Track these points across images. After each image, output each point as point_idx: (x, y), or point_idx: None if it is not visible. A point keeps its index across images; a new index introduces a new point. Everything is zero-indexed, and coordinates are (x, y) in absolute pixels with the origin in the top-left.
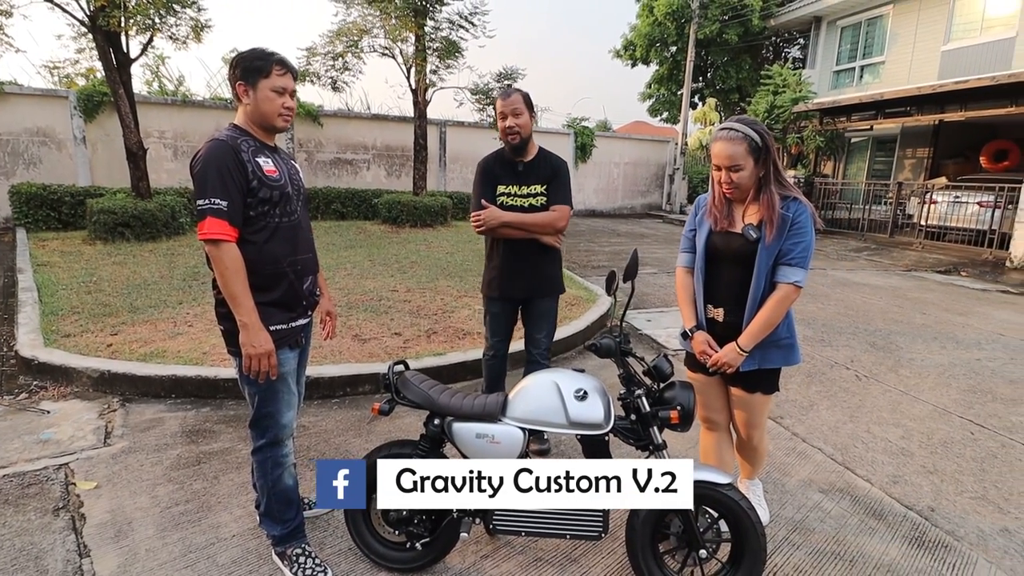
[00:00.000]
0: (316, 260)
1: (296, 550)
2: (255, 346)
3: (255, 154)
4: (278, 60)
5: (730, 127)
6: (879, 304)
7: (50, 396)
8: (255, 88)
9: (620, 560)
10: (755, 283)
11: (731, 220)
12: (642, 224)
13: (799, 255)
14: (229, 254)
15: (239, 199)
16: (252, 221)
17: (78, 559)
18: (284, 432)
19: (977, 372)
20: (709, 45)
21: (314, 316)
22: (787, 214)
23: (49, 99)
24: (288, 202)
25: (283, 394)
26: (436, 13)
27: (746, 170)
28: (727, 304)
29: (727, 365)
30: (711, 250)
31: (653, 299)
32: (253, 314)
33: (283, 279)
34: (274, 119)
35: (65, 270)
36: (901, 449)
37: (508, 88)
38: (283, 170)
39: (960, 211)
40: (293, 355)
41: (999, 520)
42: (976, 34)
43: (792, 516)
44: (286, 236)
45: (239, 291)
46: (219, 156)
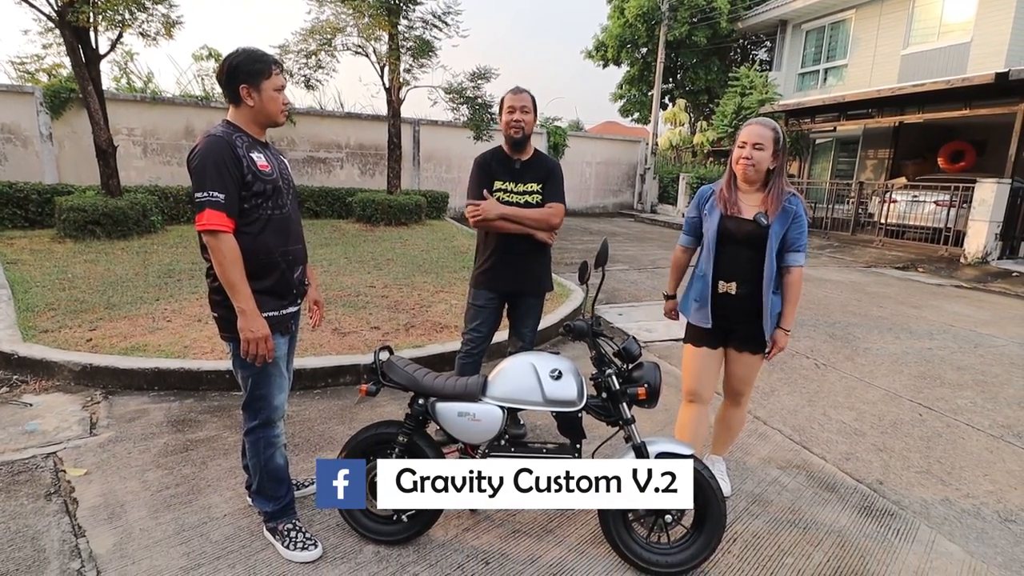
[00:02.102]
0: (305, 251)
1: (287, 525)
2: (253, 331)
3: (249, 149)
4: (275, 61)
5: (764, 120)
6: (839, 298)
7: (32, 390)
8: (259, 90)
9: (592, 529)
10: (768, 262)
11: (739, 207)
12: (614, 223)
13: (803, 243)
14: (227, 244)
15: (235, 192)
16: (246, 213)
17: (74, 539)
18: (276, 413)
19: (927, 360)
20: (679, 47)
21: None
22: (790, 207)
23: (14, 95)
24: (279, 195)
25: (275, 377)
26: (410, 12)
27: (767, 152)
28: (738, 279)
29: (783, 350)
30: (723, 233)
31: (624, 294)
32: (251, 301)
33: (275, 268)
34: (277, 116)
35: (36, 268)
36: (854, 430)
37: (516, 86)
38: (274, 165)
39: (918, 210)
40: (284, 341)
41: (941, 492)
42: (934, 39)
43: (752, 490)
44: (278, 227)
45: (237, 279)
46: (216, 151)
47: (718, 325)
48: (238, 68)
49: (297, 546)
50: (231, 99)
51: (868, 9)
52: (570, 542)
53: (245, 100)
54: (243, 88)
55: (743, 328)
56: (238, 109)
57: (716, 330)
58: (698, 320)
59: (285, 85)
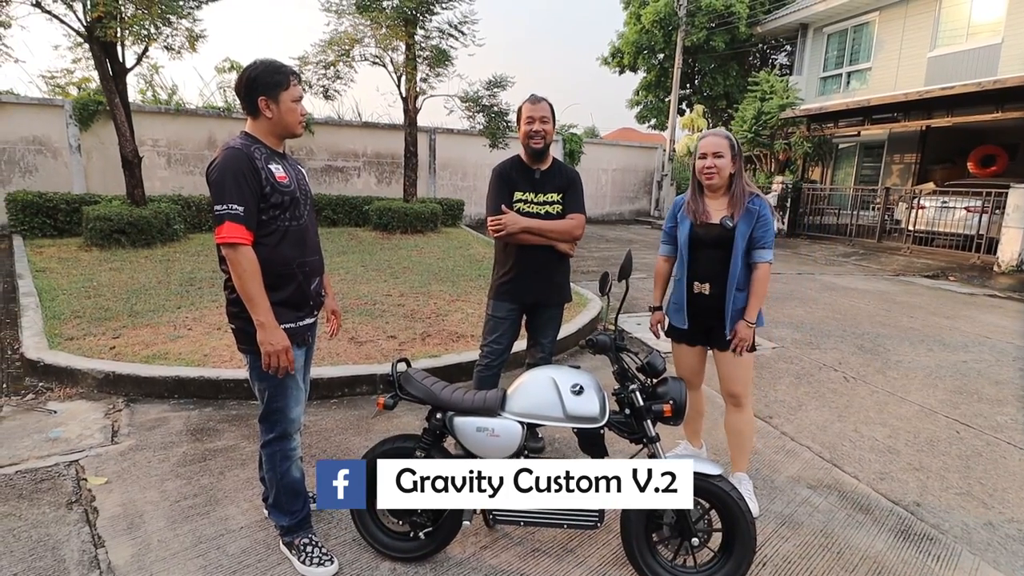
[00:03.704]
0: (322, 261)
1: (303, 540)
2: (272, 343)
3: (267, 161)
4: (292, 72)
5: (718, 131)
6: (867, 308)
7: (56, 397)
8: (277, 101)
9: (615, 550)
10: (733, 261)
11: (707, 214)
12: (630, 230)
13: (768, 240)
14: (246, 256)
15: (254, 204)
16: (264, 225)
17: (93, 549)
18: (292, 427)
19: (963, 374)
20: (696, 52)
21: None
22: (753, 207)
23: (45, 108)
24: (297, 206)
25: (292, 390)
26: (426, 22)
27: (726, 159)
28: (711, 279)
29: (745, 340)
30: (694, 239)
31: (643, 303)
32: (270, 314)
33: (292, 280)
34: (295, 127)
35: (64, 276)
36: (888, 447)
37: (534, 95)
38: (292, 176)
39: (948, 216)
40: (301, 353)
41: (983, 515)
42: (962, 40)
43: (781, 511)
44: (295, 239)
45: (256, 292)
46: (235, 163)
47: (695, 326)
48: (256, 80)
49: (313, 561)
50: (249, 111)
51: (893, 11)
52: (591, 563)
53: (263, 112)
54: (261, 100)
55: (719, 328)
56: (256, 121)
57: (694, 330)
58: (677, 322)
59: (303, 96)
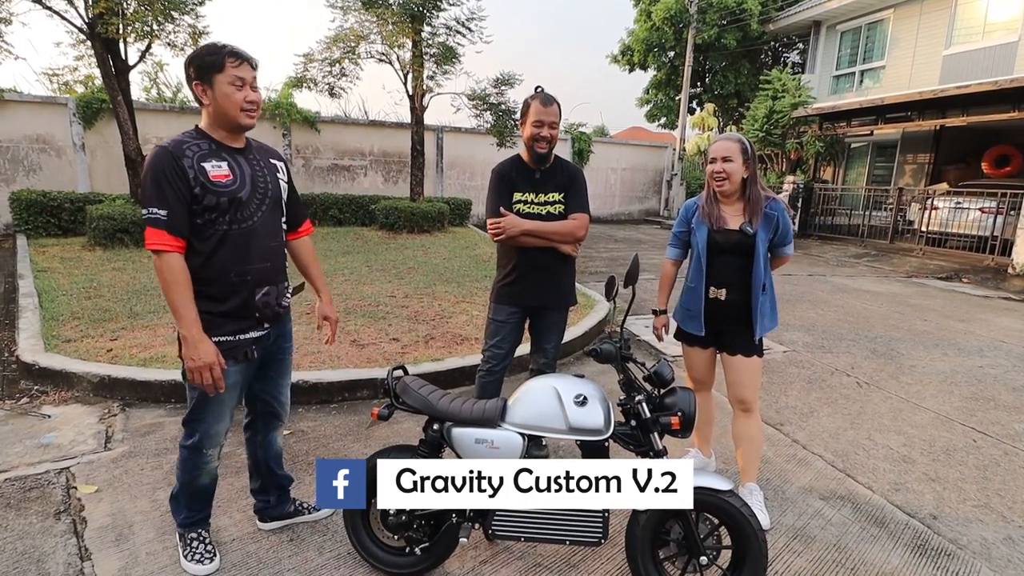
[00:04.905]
0: (279, 268)
1: (192, 535)
2: (195, 358)
3: (203, 159)
4: (230, 51)
5: (729, 135)
6: (880, 311)
7: (51, 401)
8: (212, 86)
9: (620, 566)
10: (756, 268)
11: (723, 219)
12: (639, 230)
13: (789, 238)
14: (167, 265)
15: (180, 207)
16: (199, 229)
17: (79, 562)
18: (210, 442)
19: (979, 379)
20: (707, 50)
21: (318, 320)
22: (772, 212)
23: (49, 106)
24: (240, 208)
25: (217, 407)
26: (433, 19)
27: (736, 163)
28: (727, 285)
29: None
30: (713, 246)
31: (651, 305)
32: (194, 326)
33: (232, 290)
34: (237, 115)
35: (65, 276)
36: (903, 456)
37: (545, 93)
38: (241, 173)
39: (961, 217)
40: (238, 369)
41: (1003, 529)
42: (978, 38)
43: (793, 523)
44: (236, 245)
45: (179, 302)
46: (156, 164)
47: (708, 330)
48: (190, 64)
49: (195, 557)
50: (195, 100)
51: (907, 8)
52: None
53: (201, 99)
54: (196, 85)
55: (732, 332)
56: (203, 111)
57: (706, 334)
58: (692, 329)
59: (249, 79)
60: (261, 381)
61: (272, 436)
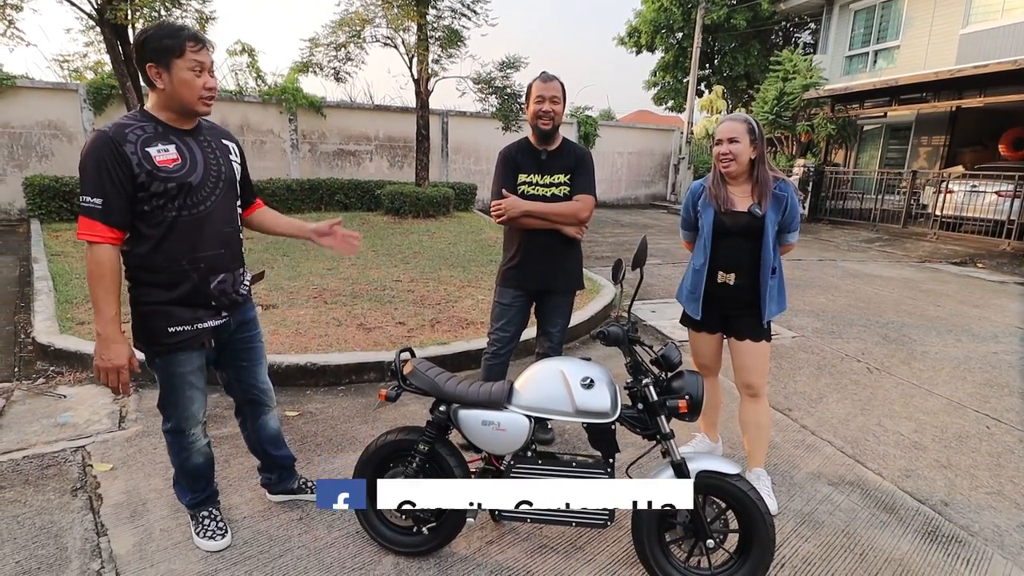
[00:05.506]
0: (235, 255)
1: (203, 512)
2: (104, 359)
3: (147, 143)
4: (190, 35)
5: (735, 115)
6: (891, 296)
7: (66, 381)
8: (169, 70)
9: (626, 548)
10: (764, 250)
11: (731, 201)
12: (646, 214)
13: (796, 223)
14: (95, 257)
15: (118, 196)
16: (147, 216)
17: (96, 537)
18: (188, 423)
19: (993, 366)
20: (716, 31)
21: (325, 239)
22: (781, 194)
23: (59, 92)
24: (190, 194)
25: (184, 391)
26: (438, 2)
27: (743, 144)
28: (736, 269)
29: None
30: (720, 228)
31: (658, 290)
32: (110, 324)
33: (183, 277)
34: (195, 103)
35: (78, 260)
36: (914, 443)
37: (546, 73)
38: (191, 157)
39: (977, 201)
40: (198, 355)
41: (1016, 516)
42: (997, 16)
43: (801, 508)
44: (187, 231)
45: (100, 297)
46: (95, 151)
47: (715, 314)
48: (146, 44)
49: (206, 534)
50: (144, 80)
51: None
52: (601, 561)
53: (154, 81)
54: (151, 67)
55: (739, 317)
56: (153, 92)
57: (712, 318)
58: (691, 311)
59: (207, 64)
60: (236, 372)
61: (263, 420)
